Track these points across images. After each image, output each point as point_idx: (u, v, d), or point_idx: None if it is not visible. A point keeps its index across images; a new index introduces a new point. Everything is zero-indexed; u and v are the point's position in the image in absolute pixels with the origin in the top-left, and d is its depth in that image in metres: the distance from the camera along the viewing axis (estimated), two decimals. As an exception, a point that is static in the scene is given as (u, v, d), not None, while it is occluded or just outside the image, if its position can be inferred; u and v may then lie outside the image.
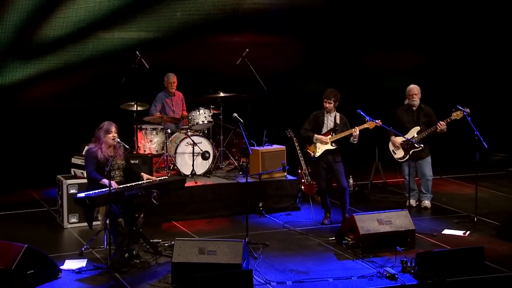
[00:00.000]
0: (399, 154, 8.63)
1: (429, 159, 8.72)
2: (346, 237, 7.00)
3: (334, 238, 7.23)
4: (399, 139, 8.50)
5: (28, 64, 10.02)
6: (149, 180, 6.64)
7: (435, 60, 11.91)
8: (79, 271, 6.21)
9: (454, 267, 6.01)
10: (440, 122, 8.36)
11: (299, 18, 11.13)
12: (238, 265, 5.77)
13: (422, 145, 8.48)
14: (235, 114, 7.55)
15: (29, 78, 10.03)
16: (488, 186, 9.82)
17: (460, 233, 7.52)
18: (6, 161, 9.94)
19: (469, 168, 10.06)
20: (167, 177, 7.16)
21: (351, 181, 9.72)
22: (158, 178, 6.83)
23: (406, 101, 8.78)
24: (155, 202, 6.46)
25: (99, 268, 6.29)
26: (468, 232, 7.55)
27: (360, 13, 11.51)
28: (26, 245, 5.83)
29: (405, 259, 6.27)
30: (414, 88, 8.65)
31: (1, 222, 8.02)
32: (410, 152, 8.60)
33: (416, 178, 8.86)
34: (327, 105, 7.86)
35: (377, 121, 7.75)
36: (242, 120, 7.55)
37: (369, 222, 6.87)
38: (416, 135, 8.56)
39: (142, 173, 6.79)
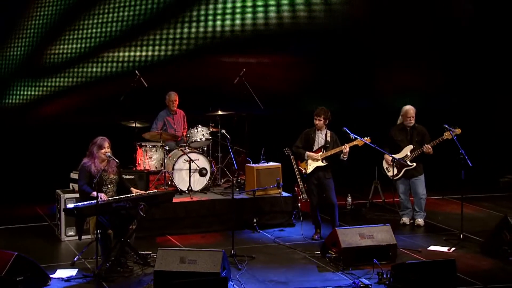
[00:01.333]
0: (392, 172, 9.03)
1: (422, 177, 9.09)
2: (330, 251, 7.40)
3: (319, 252, 7.63)
4: (390, 158, 8.90)
5: (33, 84, 10.76)
6: (137, 193, 7.16)
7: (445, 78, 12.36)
8: (68, 279, 6.73)
9: (427, 278, 6.36)
10: (425, 145, 8.77)
11: (301, 37, 11.70)
12: (217, 273, 6.23)
13: (414, 164, 8.88)
14: (223, 131, 8.06)
15: (34, 97, 10.75)
16: (488, 206, 10.14)
17: (445, 249, 7.87)
18: (12, 176, 10.59)
19: (473, 188, 10.43)
20: (156, 191, 7.66)
21: (349, 199, 10.14)
22: (147, 192, 7.34)
23: (400, 120, 9.20)
24: (142, 214, 6.97)
25: (87, 276, 6.80)
26: (453, 249, 7.90)
27: (366, 30, 12.01)
28: (16, 253, 6.38)
29: (382, 271, 6.65)
30: (411, 110, 9.06)
31: (2, 234, 8.61)
32: (403, 171, 9.00)
33: (411, 198, 9.23)
34: (317, 122, 8.33)
35: (364, 138, 8.18)
36: (229, 136, 8.05)
37: (351, 236, 7.28)
38: (409, 154, 8.96)
39: (132, 188, 7.32)
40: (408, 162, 8.96)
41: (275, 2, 11.51)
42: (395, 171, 9.03)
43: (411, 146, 9.02)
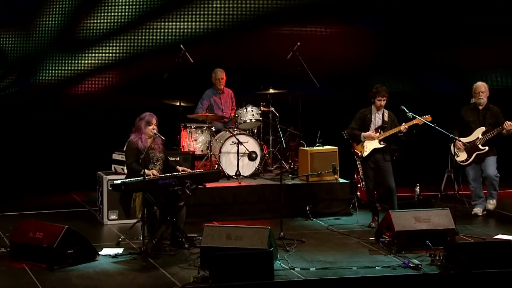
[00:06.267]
0: (462, 156, 10.76)
1: (494, 158, 10.69)
2: (384, 235, 9.25)
3: (373, 238, 9.50)
4: (462, 140, 10.59)
5: (70, 59, 12.93)
6: (184, 172, 9.20)
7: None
8: (115, 255, 8.82)
9: (481, 259, 8.15)
10: (507, 122, 10.42)
11: (365, 5, 13.52)
12: (263, 249, 8.19)
13: (486, 148, 10.58)
14: (272, 108, 10.01)
15: (69, 74, 12.95)
16: None
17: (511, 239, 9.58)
18: (47, 161, 12.84)
19: None
20: (202, 170, 9.69)
21: (417, 190, 11.93)
22: (193, 171, 9.39)
23: (473, 100, 10.91)
24: (188, 192, 8.99)
25: (134, 254, 8.88)
26: (521, 237, 9.61)
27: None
28: (67, 226, 8.51)
29: (435, 254, 8.48)
30: (482, 86, 10.76)
31: (41, 219, 10.77)
32: (473, 155, 10.70)
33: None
34: (382, 102, 10.15)
35: (424, 117, 9.97)
36: (278, 114, 9.97)
37: (406, 219, 9.09)
38: (481, 136, 10.66)
39: (178, 166, 9.36)
40: (480, 146, 10.65)
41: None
42: (465, 155, 10.73)
43: (483, 128, 10.67)
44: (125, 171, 10.55)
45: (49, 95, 12.88)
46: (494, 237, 9.66)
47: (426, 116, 10.06)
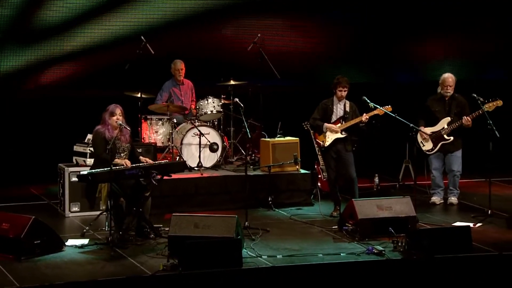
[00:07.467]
0: (428, 146, 11.23)
1: (459, 153, 11.23)
2: (347, 223, 9.66)
3: (336, 226, 9.90)
4: (428, 130, 11.05)
5: (27, 50, 13.05)
6: (147, 162, 9.48)
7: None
8: (82, 246, 9.06)
9: (441, 244, 8.61)
10: (464, 117, 10.89)
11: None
12: (230, 238, 8.52)
13: (451, 138, 11.05)
14: (237, 99, 10.34)
15: (28, 65, 13.06)
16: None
17: (470, 225, 10.08)
18: (4, 154, 12.95)
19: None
20: (167, 161, 9.98)
21: (376, 180, 12.39)
22: (158, 162, 9.67)
23: (439, 90, 11.35)
24: (155, 183, 9.27)
25: (100, 244, 9.13)
26: (479, 224, 10.12)
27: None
28: (33, 217, 8.72)
29: (397, 240, 8.91)
30: (449, 79, 11.21)
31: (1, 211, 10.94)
32: (439, 145, 11.16)
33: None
34: (343, 93, 10.56)
35: (385, 107, 10.42)
36: (242, 105, 10.32)
37: (369, 207, 9.52)
38: (446, 126, 11.13)
39: (141, 157, 9.63)
40: (445, 136, 11.11)
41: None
42: (431, 145, 11.18)
43: (448, 118, 11.14)
44: (87, 163, 10.83)
45: (6, 87, 12.99)
46: (453, 224, 10.13)
47: (387, 106, 10.50)
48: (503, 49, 14.67)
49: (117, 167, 9.13)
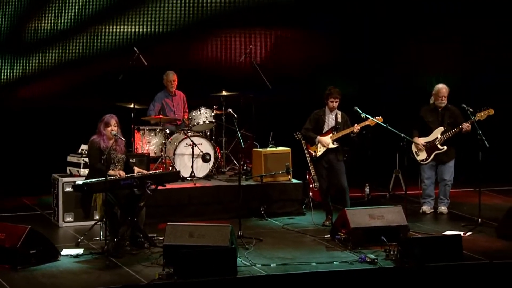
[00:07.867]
0: (422, 156, 11.42)
1: (451, 163, 11.44)
2: (339, 232, 9.82)
3: (329, 235, 10.06)
4: (421, 140, 11.24)
5: (21, 60, 13.17)
6: (141, 173, 9.61)
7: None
8: (77, 255, 9.18)
9: (433, 253, 8.78)
10: (465, 123, 11.06)
11: (319, 9, 14.14)
12: (225, 247, 8.66)
13: (444, 147, 11.24)
14: (230, 109, 10.50)
15: (21, 75, 13.18)
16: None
17: (460, 234, 10.25)
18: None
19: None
20: (161, 171, 10.11)
21: (367, 190, 12.57)
22: (152, 172, 9.81)
23: (432, 100, 11.53)
24: (149, 192, 9.40)
25: (95, 253, 9.25)
26: (469, 233, 10.30)
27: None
28: (29, 227, 8.84)
29: (389, 249, 9.07)
30: (443, 89, 11.39)
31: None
32: (433, 155, 11.34)
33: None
34: (334, 104, 10.73)
35: (376, 118, 10.60)
36: (235, 115, 10.48)
37: (361, 216, 9.69)
38: (439, 136, 11.32)
39: (134, 167, 9.76)
40: (439, 146, 11.30)
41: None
42: (425, 155, 11.36)
43: (442, 128, 11.34)
44: (81, 173, 10.95)
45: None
46: (443, 233, 10.30)
47: (378, 117, 10.68)
48: (495, 56, 14.84)
49: (112, 177, 9.25)
